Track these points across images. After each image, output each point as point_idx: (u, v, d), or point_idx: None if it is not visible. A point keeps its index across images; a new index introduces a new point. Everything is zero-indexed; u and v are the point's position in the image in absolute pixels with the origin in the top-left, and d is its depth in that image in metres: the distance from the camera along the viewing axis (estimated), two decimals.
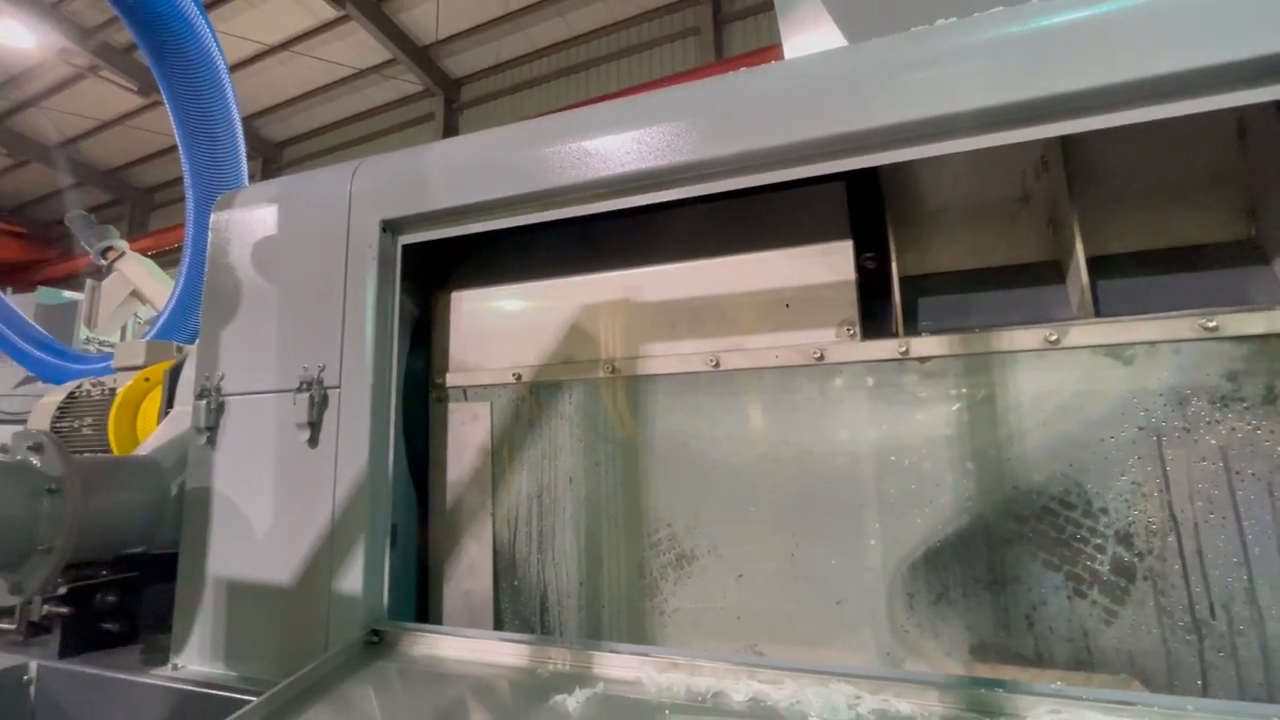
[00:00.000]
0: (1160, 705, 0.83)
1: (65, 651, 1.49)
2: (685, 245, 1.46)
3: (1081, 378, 1.12)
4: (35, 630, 1.59)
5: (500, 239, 1.52)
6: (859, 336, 1.26)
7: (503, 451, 1.51)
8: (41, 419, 2.25)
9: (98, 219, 4.82)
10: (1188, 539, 1.04)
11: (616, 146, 1.21)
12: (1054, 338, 1.13)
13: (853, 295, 1.28)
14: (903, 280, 1.32)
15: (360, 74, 12.16)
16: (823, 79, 1.11)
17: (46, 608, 1.52)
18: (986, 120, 1.00)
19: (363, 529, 1.29)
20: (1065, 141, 1.27)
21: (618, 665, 1.10)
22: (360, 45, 11.45)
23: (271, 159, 14.06)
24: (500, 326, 1.58)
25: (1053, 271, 1.31)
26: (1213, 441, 1.04)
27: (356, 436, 1.34)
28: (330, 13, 10.69)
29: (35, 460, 1.34)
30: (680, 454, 1.35)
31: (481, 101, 12.17)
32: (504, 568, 1.47)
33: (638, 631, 1.34)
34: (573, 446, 1.45)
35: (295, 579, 1.33)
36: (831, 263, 1.32)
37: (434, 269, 1.68)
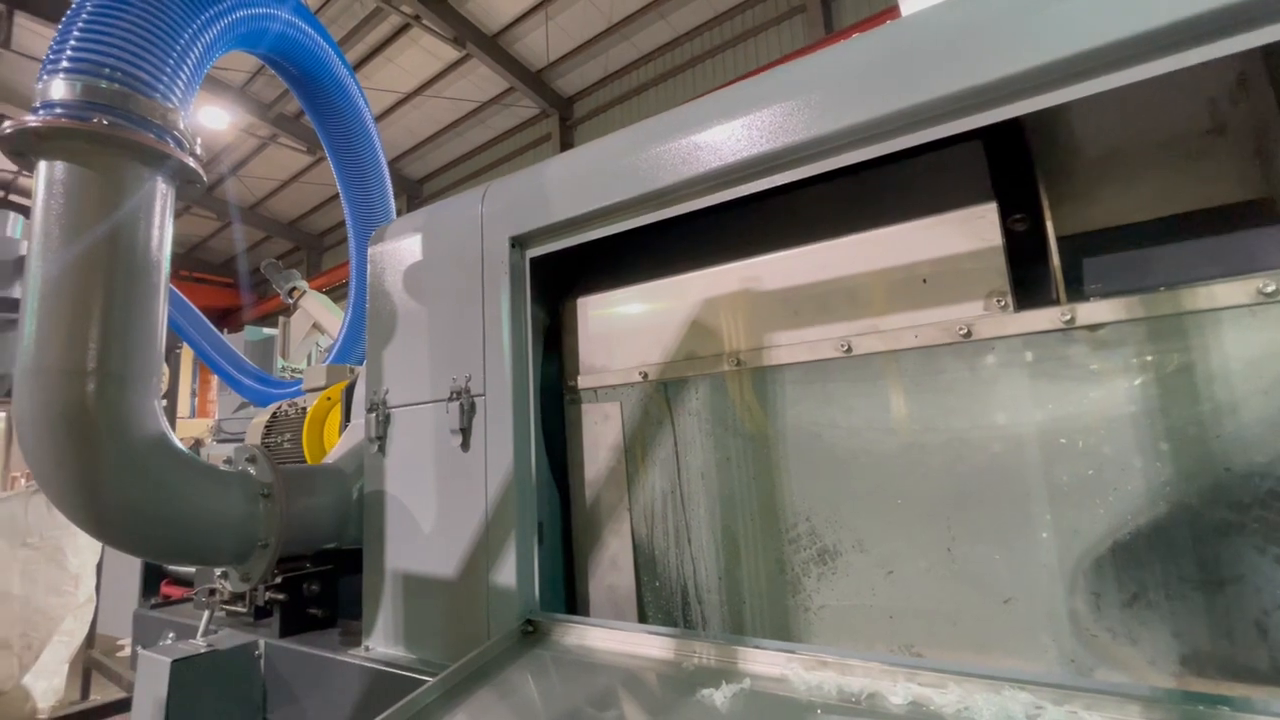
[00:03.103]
0: None
1: (284, 631, 1.76)
2: (805, 228, 1.40)
3: None
4: (260, 614, 1.89)
5: (619, 243, 1.56)
6: (1011, 308, 1.14)
7: (635, 449, 1.55)
8: (254, 437, 2.67)
9: (284, 264, 5.63)
10: None
11: (726, 135, 1.19)
12: (1270, 289, 0.94)
13: (1001, 263, 1.16)
14: (1061, 240, 1.18)
15: (483, 106, 13.11)
16: (950, 27, 1.01)
17: (268, 594, 1.80)
18: (1166, 40, 0.84)
19: (513, 525, 1.39)
20: (1270, 54, 1.05)
21: (763, 661, 1.08)
22: (481, 80, 12.36)
23: (414, 195, 15.58)
24: (624, 328, 1.62)
25: (1260, 212, 1.09)
26: None
27: (502, 439, 1.43)
28: (453, 54, 11.64)
29: (251, 470, 1.60)
30: (814, 445, 1.30)
31: (594, 115, 12.60)
32: (644, 562, 1.51)
33: (781, 628, 1.30)
34: (702, 442, 1.45)
35: (458, 571, 1.46)
36: (973, 229, 1.20)
37: (560, 279, 1.76)
